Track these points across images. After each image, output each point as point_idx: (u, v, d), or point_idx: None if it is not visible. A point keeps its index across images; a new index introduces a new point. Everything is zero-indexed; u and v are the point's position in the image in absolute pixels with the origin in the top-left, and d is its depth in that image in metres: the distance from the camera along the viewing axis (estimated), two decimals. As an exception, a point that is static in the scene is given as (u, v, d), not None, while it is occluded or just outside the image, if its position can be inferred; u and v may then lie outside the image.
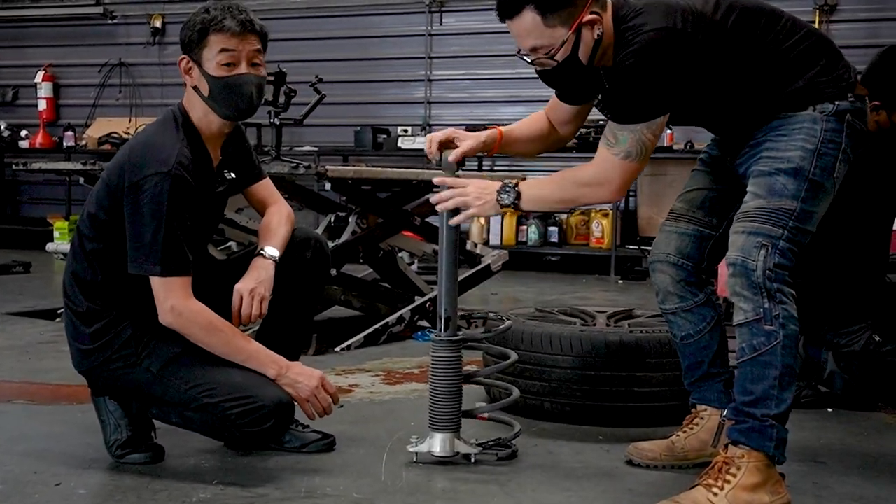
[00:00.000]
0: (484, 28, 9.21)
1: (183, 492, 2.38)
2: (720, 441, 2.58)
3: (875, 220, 3.55)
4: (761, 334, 2.24)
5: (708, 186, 2.68)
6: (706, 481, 2.26)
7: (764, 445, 2.25)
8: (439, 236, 2.68)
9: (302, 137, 8.95)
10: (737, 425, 2.29)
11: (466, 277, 5.03)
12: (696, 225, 2.65)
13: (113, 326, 2.59)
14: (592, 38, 2.38)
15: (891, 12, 8.06)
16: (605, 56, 2.43)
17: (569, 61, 2.40)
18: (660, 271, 2.68)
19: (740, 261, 2.27)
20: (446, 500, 2.38)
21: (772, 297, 2.25)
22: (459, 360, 2.67)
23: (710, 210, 2.65)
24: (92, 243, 2.61)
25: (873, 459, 2.84)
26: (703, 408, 2.69)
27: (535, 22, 2.35)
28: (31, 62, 10.82)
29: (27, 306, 5.56)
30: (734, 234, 2.34)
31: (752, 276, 2.25)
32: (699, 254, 2.65)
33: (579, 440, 2.96)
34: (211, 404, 2.50)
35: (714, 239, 2.64)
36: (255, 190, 2.89)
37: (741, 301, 2.28)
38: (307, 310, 2.90)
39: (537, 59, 2.42)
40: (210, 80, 2.56)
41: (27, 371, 3.85)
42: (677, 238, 2.66)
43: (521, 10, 2.35)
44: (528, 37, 2.39)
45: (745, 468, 2.23)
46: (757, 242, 2.27)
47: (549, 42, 2.37)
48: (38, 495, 2.34)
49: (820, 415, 3.36)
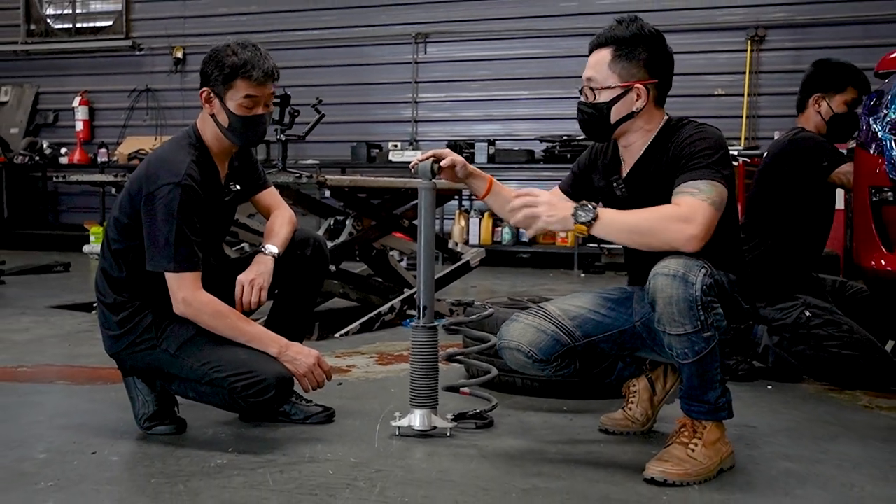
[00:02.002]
0: (462, 57, 9.25)
1: (202, 458, 2.37)
2: (667, 398, 2.70)
3: (815, 209, 3.58)
4: (701, 341, 2.20)
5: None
6: (681, 440, 2.30)
7: (719, 416, 2.32)
8: (418, 237, 2.65)
9: (305, 152, 8.93)
10: (694, 409, 2.31)
11: (449, 272, 5.03)
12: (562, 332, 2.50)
13: (136, 315, 2.59)
14: (632, 106, 2.39)
15: (810, 42, 8.12)
16: (630, 135, 2.44)
17: (600, 110, 2.41)
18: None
19: (681, 274, 2.17)
20: (433, 461, 2.38)
21: (706, 309, 2.18)
22: (436, 345, 2.63)
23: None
24: (117, 244, 2.61)
25: (797, 423, 2.85)
26: (631, 382, 2.72)
27: (605, 59, 2.39)
28: (70, 89, 10.80)
29: (67, 300, 5.53)
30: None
31: (691, 291, 2.16)
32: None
33: (547, 411, 2.96)
34: (219, 378, 2.49)
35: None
36: (261, 198, 2.88)
37: (679, 317, 2.19)
38: (308, 299, 2.89)
39: (585, 87, 2.44)
40: (231, 115, 2.58)
41: (67, 356, 3.83)
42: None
43: (604, 46, 2.40)
44: (592, 67, 2.42)
45: (709, 427, 2.30)
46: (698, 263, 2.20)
47: (602, 80, 2.40)
48: (76, 462, 2.33)
49: (753, 386, 3.37)
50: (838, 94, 3.59)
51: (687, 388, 2.31)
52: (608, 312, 2.52)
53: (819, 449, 2.56)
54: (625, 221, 2.25)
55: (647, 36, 2.39)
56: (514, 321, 2.53)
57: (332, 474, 2.25)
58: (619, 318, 2.51)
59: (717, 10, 8.57)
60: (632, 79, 2.38)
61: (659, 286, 2.19)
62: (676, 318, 2.18)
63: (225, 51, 2.56)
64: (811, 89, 3.62)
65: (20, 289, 6.17)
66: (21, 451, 2.42)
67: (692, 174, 2.25)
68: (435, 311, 2.69)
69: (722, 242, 2.36)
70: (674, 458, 2.25)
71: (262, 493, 2.10)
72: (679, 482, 2.20)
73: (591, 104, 2.43)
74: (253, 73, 2.54)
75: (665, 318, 2.20)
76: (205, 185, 2.56)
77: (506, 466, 2.35)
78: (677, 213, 2.20)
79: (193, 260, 2.50)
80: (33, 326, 4.59)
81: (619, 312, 2.52)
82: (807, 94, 3.64)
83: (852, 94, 3.60)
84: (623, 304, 2.54)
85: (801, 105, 3.66)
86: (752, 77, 8.47)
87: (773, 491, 2.20)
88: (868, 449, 2.57)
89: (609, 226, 2.23)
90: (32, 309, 5.19)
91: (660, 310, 2.21)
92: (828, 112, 3.59)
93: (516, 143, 8.94)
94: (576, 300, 2.58)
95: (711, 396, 2.29)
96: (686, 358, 2.23)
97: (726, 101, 8.54)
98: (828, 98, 3.59)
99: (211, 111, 2.61)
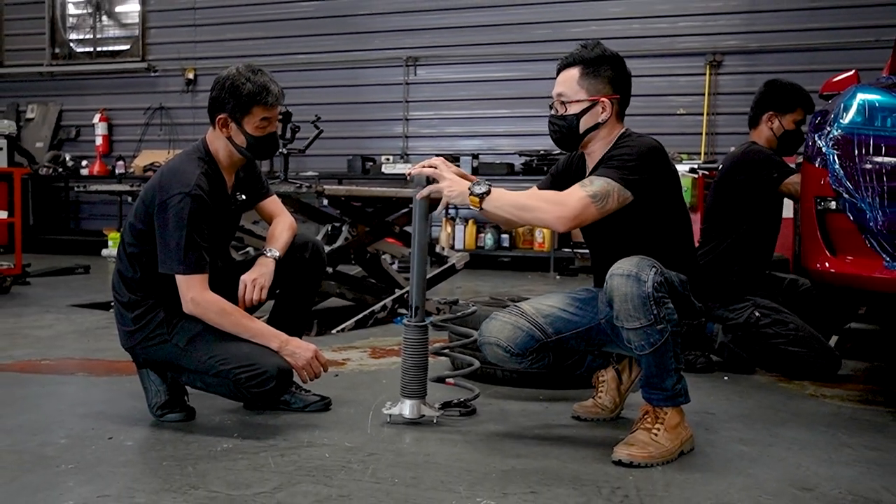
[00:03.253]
0: (449, 79, 9.25)
1: (210, 443, 2.36)
2: (633, 386, 2.71)
3: (764, 216, 3.60)
4: (655, 333, 2.22)
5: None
6: (644, 426, 2.31)
7: (677, 402, 2.33)
8: (412, 242, 2.65)
9: (305, 165, 8.90)
10: (654, 396, 2.32)
11: (436, 274, 5.02)
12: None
13: (149, 312, 2.58)
14: (598, 117, 2.42)
15: (762, 67, 8.16)
16: (594, 143, 2.46)
17: (570, 121, 2.43)
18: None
19: (634, 273, 2.20)
20: (420, 446, 2.37)
21: (658, 304, 2.21)
22: (426, 341, 2.63)
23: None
24: (132, 248, 2.60)
25: (750, 410, 2.86)
26: (600, 373, 2.73)
27: (574, 76, 2.43)
28: (90, 107, 10.74)
29: (87, 300, 5.48)
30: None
31: (643, 288, 2.19)
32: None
33: (525, 399, 2.96)
34: (225, 370, 2.48)
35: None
36: (265, 205, 2.88)
37: (634, 312, 2.21)
38: (307, 298, 2.88)
39: (555, 102, 2.46)
40: (249, 137, 2.59)
41: (87, 350, 3.80)
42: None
43: (573, 65, 2.43)
44: (562, 83, 2.45)
45: (669, 413, 2.32)
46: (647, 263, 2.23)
47: (571, 94, 2.43)
48: (94, 446, 2.31)
49: (711, 378, 3.38)
50: (789, 113, 3.61)
51: (646, 377, 2.33)
52: (576, 311, 2.53)
53: (770, 433, 2.57)
54: (511, 198, 2.36)
55: (610, 57, 2.44)
56: (494, 319, 2.53)
57: (328, 457, 2.24)
58: (587, 317, 2.52)
59: (678, 38, 8.61)
60: (598, 93, 2.42)
61: (615, 285, 2.23)
62: (632, 314, 2.21)
63: (237, 79, 2.55)
64: (765, 107, 3.64)
65: (44, 289, 6.12)
66: (44, 436, 2.40)
67: (599, 171, 2.32)
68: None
69: (672, 244, 2.41)
70: (639, 442, 2.26)
71: (265, 475, 2.09)
72: (644, 464, 2.21)
73: (561, 116, 2.46)
74: (268, 98, 2.56)
75: (622, 314, 2.23)
76: (213, 195, 2.56)
77: (487, 450, 2.35)
78: (556, 198, 2.32)
79: (201, 263, 2.49)
80: (55, 323, 4.55)
81: (587, 311, 2.53)
82: (760, 111, 3.66)
83: (800, 114, 3.63)
84: (589, 303, 2.55)
85: (754, 121, 3.68)
86: (710, 98, 8.51)
87: (728, 471, 2.21)
88: (814, 433, 2.59)
89: (497, 200, 2.34)
90: (55, 307, 5.15)
91: (617, 307, 2.24)
92: (779, 129, 3.62)
93: (498, 157, 8.94)
94: (548, 300, 2.59)
95: (668, 383, 2.30)
96: (643, 350, 2.24)
97: (688, 120, 8.57)
98: (780, 116, 3.61)
99: (228, 134, 2.60)
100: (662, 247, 2.37)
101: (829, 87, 3.69)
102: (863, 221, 2.72)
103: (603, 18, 8.77)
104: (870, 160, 2.70)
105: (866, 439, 2.52)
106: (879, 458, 2.33)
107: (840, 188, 2.76)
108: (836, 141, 2.78)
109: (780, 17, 8.28)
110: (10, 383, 3.10)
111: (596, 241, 2.59)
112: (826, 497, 2.02)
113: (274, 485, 2.02)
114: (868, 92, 2.86)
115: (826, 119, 2.90)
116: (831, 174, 2.78)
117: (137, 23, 10.67)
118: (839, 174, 2.76)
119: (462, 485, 2.04)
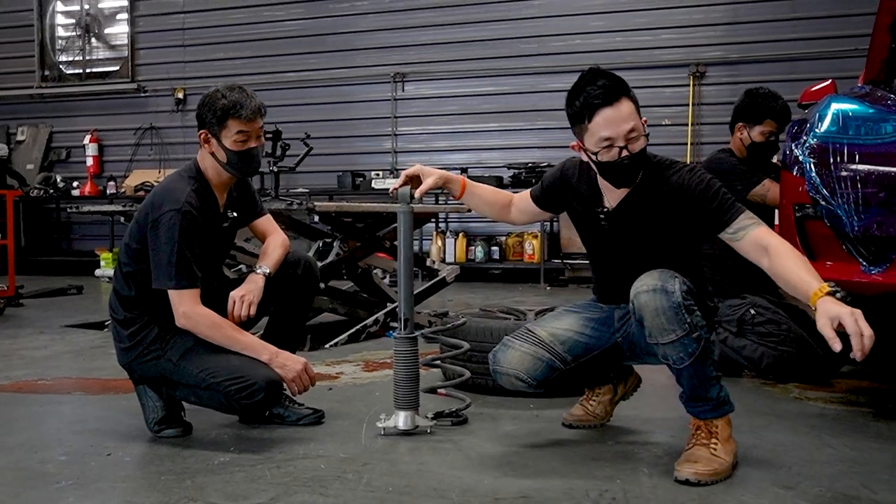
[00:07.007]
0: (437, 94, 9.32)
1: (207, 457, 2.39)
2: (624, 395, 2.78)
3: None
4: (692, 343, 2.16)
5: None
6: (701, 441, 2.25)
7: (724, 411, 2.29)
8: (398, 255, 2.68)
9: (296, 181, 8.95)
10: (701, 409, 2.27)
11: (427, 287, 5.05)
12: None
13: (144, 329, 2.62)
14: (644, 145, 2.28)
15: (744, 77, 8.25)
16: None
17: (642, 156, 2.27)
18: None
19: (660, 287, 2.15)
20: (414, 455, 2.41)
21: (689, 312, 2.15)
22: (416, 353, 2.65)
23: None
24: (127, 267, 2.65)
25: (736, 414, 2.83)
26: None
27: (632, 108, 2.24)
28: (81, 128, 10.75)
29: (81, 320, 5.50)
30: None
31: (673, 299, 2.13)
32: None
33: (515, 409, 2.99)
34: (216, 383, 2.51)
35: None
36: (258, 224, 2.91)
37: (668, 324, 2.15)
38: (301, 314, 2.92)
39: (619, 141, 2.22)
40: (228, 151, 2.62)
41: (82, 369, 3.83)
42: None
43: (621, 97, 2.22)
44: (628, 119, 2.22)
45: (720, 425, 2.27)
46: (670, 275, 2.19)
47: (640, 127, 2.24)
48: (93, 462, 2.35)
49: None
50: (757, 125, 3.67)
51: (689, 390, 2.25)
52: (592, 333, 2.50)
53: (755, 435, 2.62)
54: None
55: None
56: (510, 348, 2.48)
57: (323, 468, 2.28)
58: (603, 338, 2.50)
59: (662, 50, 8.72)
60: (638, 114, 2.28)
61: (643, 302, 2.16)
62: (666, 327, 2.15)
63: (215, 95, 2.62)
64: (736, 118, 3.72)
65: (37, 310, 6.14)
66: (43, 453, 2.44)
67: (729, 214, 2.24)
68: (415, 322, 2.72)
69: (684, 252, 2.40)
70: (702, 459, 2.19)
71: (261, 486, 2.12)
72: (709, 481, 2.14)
73: (635, 154, 2.25)
74: (242, 112, 2.59)
75: (655, 329, 2.16)
76: (203, 212, 2.60)
77: (479, 458, 2.39)
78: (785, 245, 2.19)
79: (192, 278, 2.53)
80: (50, 343, 4.58)
81: (602, 332, 2.50)
82: (733, 121, 3.74)
83: (770, 126, 3.67)
84: (604, 322, 2.51)
85: (731, 130, 3.76)
86: (694, 108, 8.61)
87: (713, 473, 2.25)
88: (797, 434, 2.64)
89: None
90: (49, 328, 5.17)
91: (649, 323, 2.17)
92: (747, 140, 3.69)
93: (486, 170, 9.00)
94: (562, 322, 2.53)
95: (713, 392, 2.25)
96: (682, 362, 2.18)
97: (673, 131, 8.66)
98: (748, 128, 3.68)
99: (210, 150, 2.65)
100: (678, 257, 2.32)
101: (807, 97, 3.76)
102: (840, 227, 2.79)
103: (586, 32, 8.88)
104: (844, 168, 2.77)
105: (848, 439, 2.57)
106: (860, 457, 2.39)
107: (817, 195, 2.83)
108: (812, 149, 2.85)
109: (760, 27, 8.40)
110: (8, 403, 3.13)
111: (606, 256, 2.51)
112: (807, 495, 2.07)
113: (271, 495, 2.05)
114: (842, 102, 2.94)
115: (803, 128, 2.97)
116: (808, 182, 2.85)
117: (126, 44, 10.71)
118: (816, 182, 2.83)
119: (455, 492, 2.08)
